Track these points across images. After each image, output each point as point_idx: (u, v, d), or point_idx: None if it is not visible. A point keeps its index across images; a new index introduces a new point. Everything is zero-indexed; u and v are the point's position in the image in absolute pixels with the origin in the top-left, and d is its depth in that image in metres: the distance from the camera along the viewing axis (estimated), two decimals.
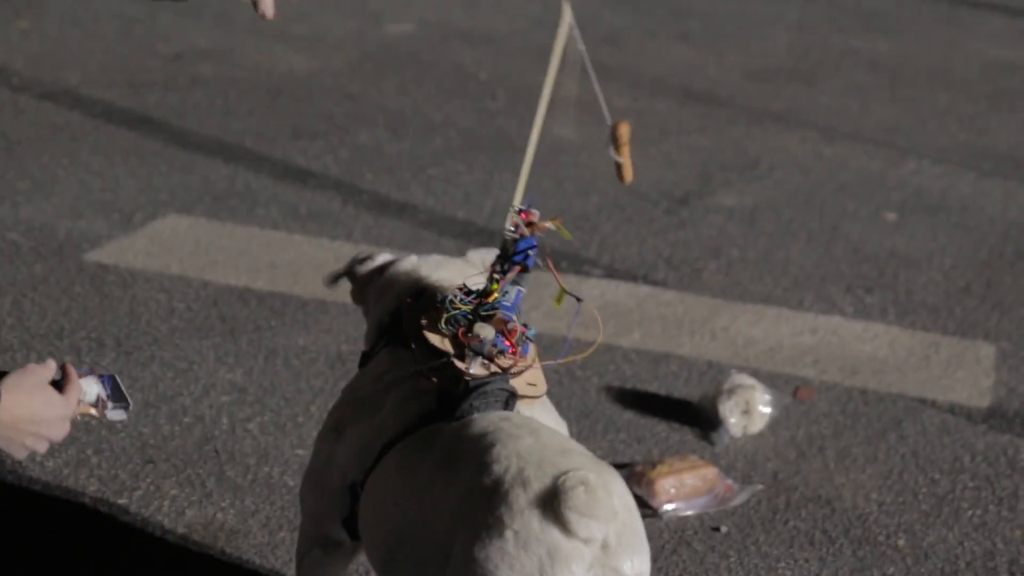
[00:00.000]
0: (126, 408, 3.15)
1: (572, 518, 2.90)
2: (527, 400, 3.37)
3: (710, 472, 4.59)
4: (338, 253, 5.90)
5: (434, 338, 3.35)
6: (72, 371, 3.04)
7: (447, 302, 3.38)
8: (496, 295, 3.43)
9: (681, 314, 5.62)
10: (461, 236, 6.14)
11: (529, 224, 3.56)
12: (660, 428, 4.92)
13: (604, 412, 4.98)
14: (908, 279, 6.00)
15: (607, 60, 8.32)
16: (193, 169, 6.62)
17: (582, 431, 4.86)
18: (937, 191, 6.86)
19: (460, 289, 3.45)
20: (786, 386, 5.19)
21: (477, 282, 3.54)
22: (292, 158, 6.77)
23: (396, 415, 3.34)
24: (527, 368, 3.40)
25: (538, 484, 2.96)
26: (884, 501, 4.62)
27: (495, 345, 3.32)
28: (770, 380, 5.16)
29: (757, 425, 4.91)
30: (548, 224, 3.61)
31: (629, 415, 4.98)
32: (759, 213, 6.48)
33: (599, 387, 5.12)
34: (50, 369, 3.00)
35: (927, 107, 7.88)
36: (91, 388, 3.12)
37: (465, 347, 3.30)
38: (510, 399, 3.33)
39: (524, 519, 2.94)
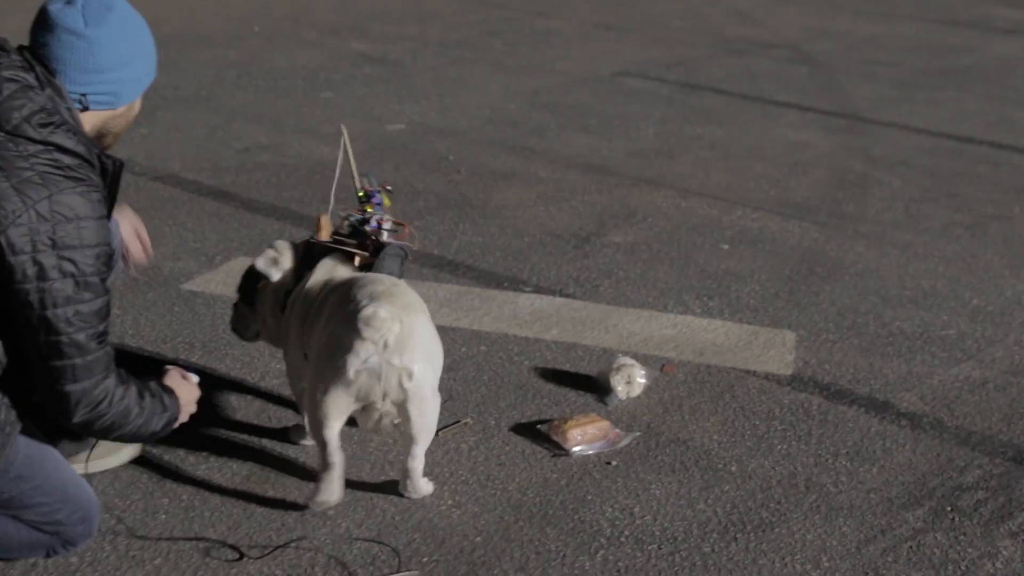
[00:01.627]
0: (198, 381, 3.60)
1: (360, 327, 3.59)
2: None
3: (604, 424, 4.49)
4: None
5: (347, 240, 4.10)
6: (180, 370, 3.55)
7: (348, 219, 4.17)
8: (371, 210, 4.19)
9: (585, 317, 5.51)
10: (435, 266, 6.01)
11: (364, 188, 4.27)
12: (571, 395, 4.80)
13: (533, 385, 4.87)
14: (737, 289, 5.90)
15: (535, 146, 8.21)
16: (255, 225, 6.49)
17: (517, 399, 4.75)
18: (756, 229, 6.76)
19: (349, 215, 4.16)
20: (656, 363, 5.07)
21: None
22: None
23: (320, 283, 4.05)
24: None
25: (364, 308, 3.62)
26: (722, 441, 4.51)
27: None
28: (645, 360, 5.06)
29: (636, 391, 4.81)
30: (377, 187, 4.28)
31: (550, 387, 4.87)
32: (637, 247, 6.38)
33: (529, 367, 5.01)
34: (183, 371, 3.52)
35: (748, 173, 7.78)
36: (194, 377, 3.57)
37: (377, 225, 4.10)
38: (405, 257, 4.11)
39: (345, 327, 3.65)
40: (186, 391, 3.52)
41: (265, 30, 11.61)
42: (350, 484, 4.01)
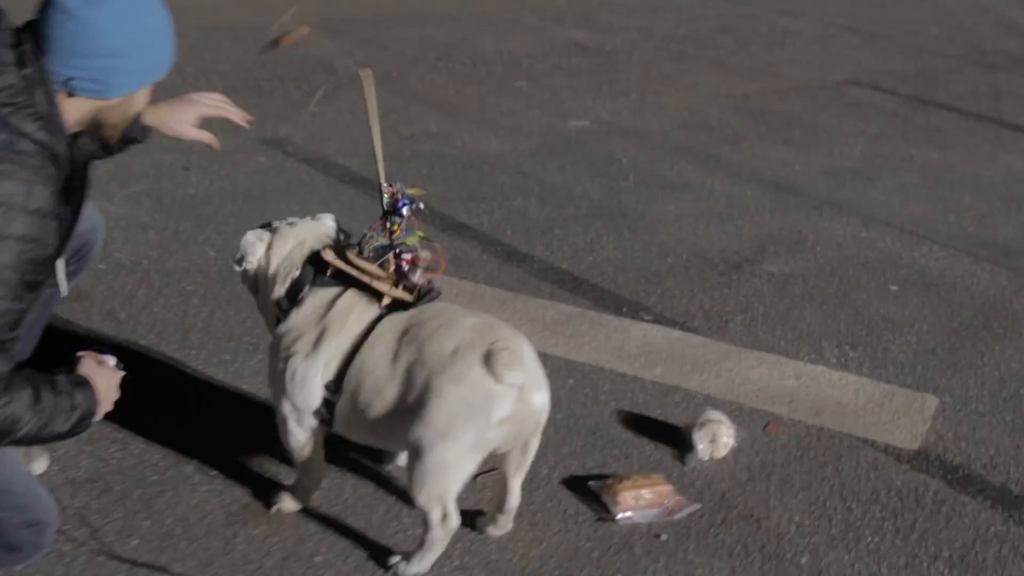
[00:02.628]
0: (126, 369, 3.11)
1: (501, 371, 3.10)
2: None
3: (665, 488, 3.92)
4: (460, 289, 5.34)
5: (368, 265, 3.38)
6: (98, 356, 3.06)
7: (367, 239, 3.43)
8: (399, 233, 3.44)
9: (699, 356, 4.92)
10: (556, 282, 5.52)
11: (393, 195, 3.50)
12: (647, 448, 4.25)
13: (608, 431, 4.34)
14: (888, 340, 5.20)
15: (722, 155, 7.60)
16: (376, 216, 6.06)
17: (584, 446, 4.23)
18: (936, 270, 6.01)
19: (370, 230, 3.45)
20: (761, 420, 4.46)
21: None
22: (458, 215, 6.22)
23: (352, 326, 3.35)
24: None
25: (480, 348, 3.13)
26: (803, 523, 3.89)
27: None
28: (750, 414, 4.48)
29: (721, 452, 4.22)
30: (410, 190, 3.56)
31: (627, 435, 4.33)
32: (791, 279, 5.72)
33: (613, 410, 4.48)
34: (98, 356, 3.06)
35: (951, 204, 6.99)
36: (110, 359, 3.10)
37: (409, 265, 3.38)
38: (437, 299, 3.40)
39: (472, 373, 3.11)
40: (104, 379, 3.12)
41: (484, 12, 11.26)
42: (341, 531, 3.59)
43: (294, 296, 3.51)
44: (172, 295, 5.10)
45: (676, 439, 4.28)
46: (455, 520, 3.34)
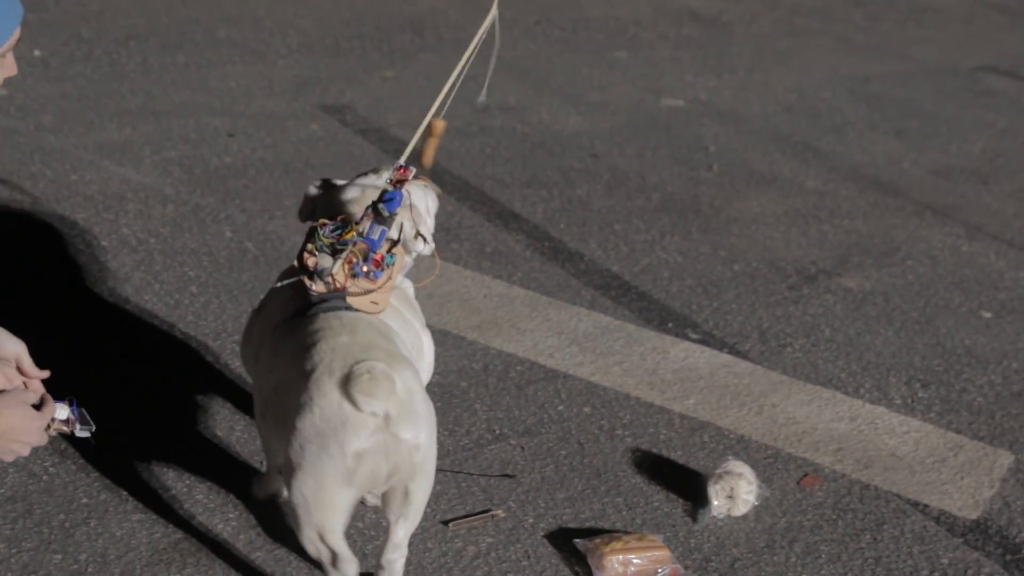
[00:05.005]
0: (91, 431, 2.82)
1: (358, 398, 2.82)
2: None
3: (662, 554, 3.42)
4: (490, 290, 4.86)
5: (308, 259, 3.10)
6: (48, 397, 2.78)
7: (316, 233, 3.09)
8: (352, 234, 3.08)
9: (742, 386, 4.38)
10: (600, 288, 5.01)
11: (401, 181, 3.12)
12: (657, 498, 3.74)
13: (617, 474, 3.86)
14: (968, 378, 4.59)
15: (823, 146, 6.97)
16: None
17: (587, 489, 3.74)
18: None
19: (330, 221, 3.14)
20: (798, 470, 3.91)
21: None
22: (512, 203, 5.74)
23: (279, 312, 3.19)
24: (368, 291, 3.08)
25: (340, 372, 2.86)
26: None
27: (354, 271, 3.08)
28: (786, 462, 3.98)
29: (740, 510, 3.69)
30: (418, 181, 3.38)
31: (638, 480, 3.83)
32: (870, 298, 5.12)
33: (628, 448, 3.98)
34: (33, 393, 2.74)
35: None
36: (62, 411, 2.80)
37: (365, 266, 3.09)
38: (347, 310, 3.06)
39: (327, 399, 2.85)
40: (17, 419, 2.74)
41: None
42: None
43: None
44: (170, 280, 4.72)
45: (693, 489, 3.77)
46: (348, 564, 2.99)
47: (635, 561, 3.39)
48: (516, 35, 8.58)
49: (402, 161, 3.14)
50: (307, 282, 3.08)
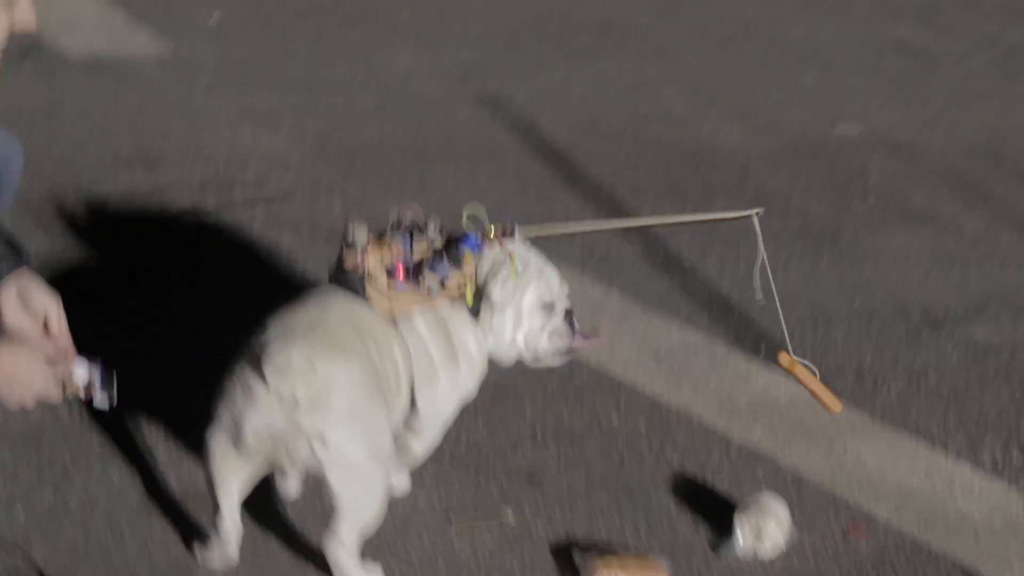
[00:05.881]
0: (111, 401, 2.72)
1: (268, 374, 2.80)
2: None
3: None
4: (584, 295, 4.70)
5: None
6: (70, 353, 2.72)
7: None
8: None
9: (819, 425, 4.13)
10: (704, 305, 4.82)
11: (485, 235, 3.29)
12: (684, 524, 3.56)
13: (649, 495, 3.69)
14: None
15: (999, 191, 6.55)
16: (550, 197, 5.48)
17: (612, 504, 3.58)
18: None
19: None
20: (848, 519, 3.65)
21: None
22: (640, 210, 5.61)
23: None
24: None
25: (273, 344, 2.86)
26: None
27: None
28: (839, 508, 3.72)
29: (766, 551, 3.45)
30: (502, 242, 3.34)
31: (669, 503, 3.65)
32: (994, 351, 4.79)
33: (672, 470, 3.81)
34: (51, 345, 2.69)
35: None
36: (81, 371, 2.74)
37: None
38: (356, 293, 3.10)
39: (246, 371, 2.87)
40: (25, 367, 2.71)
41: None
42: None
43: None
44: (264, 245, 4.70)
45: (725, 522, 3.53)
46: (225, 518, 3.05)
47: None
48: (705, 47, 8.37)
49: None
50: (345, 249, 3.15)
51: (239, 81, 6.39)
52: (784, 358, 3.86)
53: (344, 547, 3.05)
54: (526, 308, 3.36)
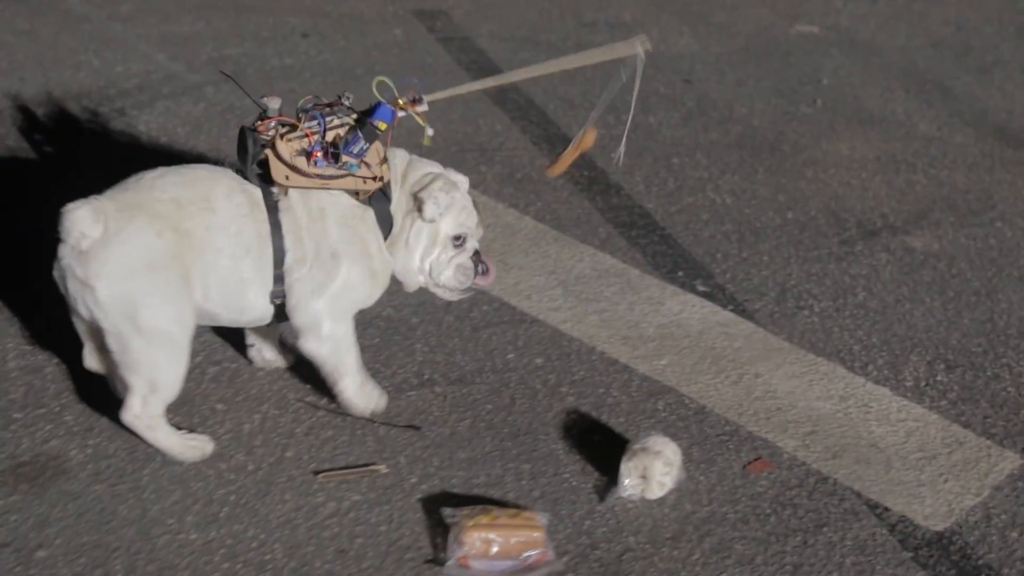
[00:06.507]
0: None
1: (63, 226, 2.95)
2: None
3: (534, 536, 3.03)
4: (497, 219, 4.47)
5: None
6: None
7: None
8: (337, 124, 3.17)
9: (731, 351, 3.90)
10: (624, 227, 4.60)
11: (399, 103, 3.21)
12: (570, 469, 3.36)
13: (537, 437, 3.51)
14: (1007, 364, 4.01)
15: (957, 88, 6.27)
16: (477, 116, 5.24)
17: (494, 451, 3.40)
18: None
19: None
20: (752, 453, 3.44)
21: None
22: (570, 126, 5.36)
23: None
24: (291, 166, 3.11)
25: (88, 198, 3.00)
26: None
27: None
28: (742, 442, 3.51)
29: (654, 493, 3.26)
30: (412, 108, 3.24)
31: (557, 447, 3.45)
32: (932, 261, 4.53)
33: (565, 408, 3.61)
34: None
35: None
36: None
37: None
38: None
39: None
40: None
41: None
42: None
43: None
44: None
45: (616, 464, 3.32)
46: (86, 357, 3.30)
47: (498, 540, 3.01)
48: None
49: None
50: (258, 121, 3.13)
51: (162, 7, 6.14)
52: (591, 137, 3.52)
53: (130, 412, 3.10)
54: (441, 234, 3.28)
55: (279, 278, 3.11)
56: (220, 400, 3.48)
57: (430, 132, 3.25)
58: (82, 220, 2.93)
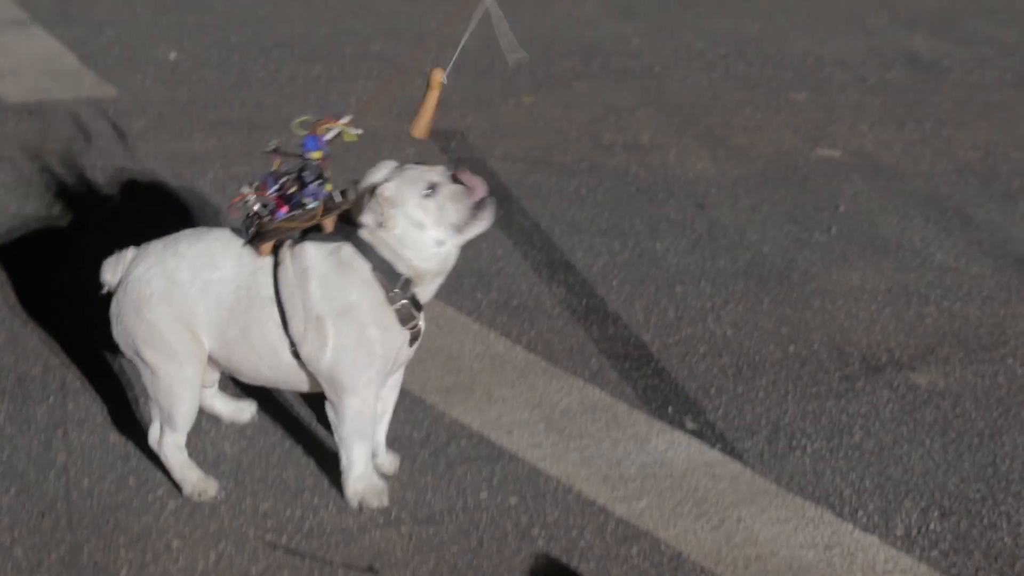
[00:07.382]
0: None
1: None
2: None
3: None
4: (487, 349, 4.37)
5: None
6: None
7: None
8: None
9: (714, 493, 3.78)
10: (616, 359, 4.48)
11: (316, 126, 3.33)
12: None
13: None
14: (1006, 512, 3.87)
15: (979, 216, 6.12)
16: (480, 239, 5.17)
17: None
18: None
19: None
20: None
21: None
22: (574, 251, 5.31)
23: None
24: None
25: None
26: None
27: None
28: None
29: None
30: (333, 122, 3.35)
31: None
32: (935, 399, 4.39)
33: (534, 553, 3.51)
34: None
35: None
36: None
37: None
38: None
39: None
40: None
41: (828, 8, 9.88)
42: None
43: None
44: None
45: None
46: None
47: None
48: (692, 68, 8.01)
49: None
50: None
51: (177, 124, 6.16)
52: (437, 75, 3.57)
53: (151, 437, 3.58)
54: (413, 214, 3.33)
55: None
56: (177, 535, 3.38)
57: (354, 131, 3.43)
58: (104, 268, 3.52)
